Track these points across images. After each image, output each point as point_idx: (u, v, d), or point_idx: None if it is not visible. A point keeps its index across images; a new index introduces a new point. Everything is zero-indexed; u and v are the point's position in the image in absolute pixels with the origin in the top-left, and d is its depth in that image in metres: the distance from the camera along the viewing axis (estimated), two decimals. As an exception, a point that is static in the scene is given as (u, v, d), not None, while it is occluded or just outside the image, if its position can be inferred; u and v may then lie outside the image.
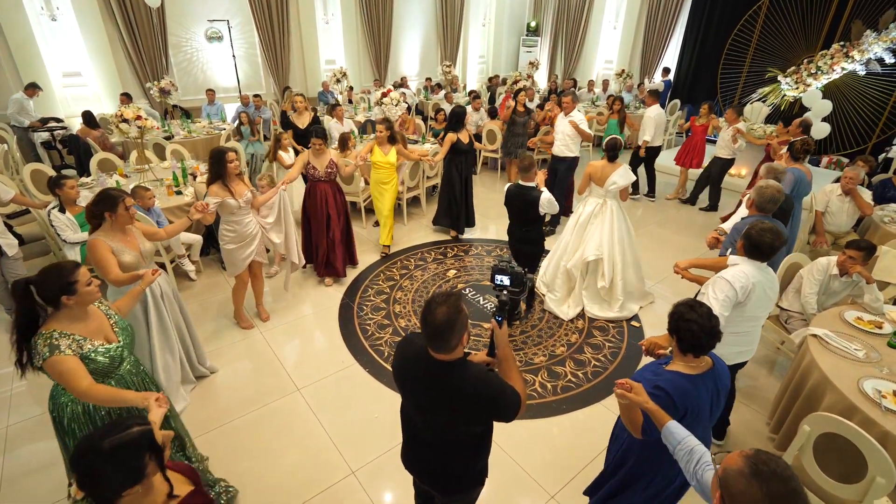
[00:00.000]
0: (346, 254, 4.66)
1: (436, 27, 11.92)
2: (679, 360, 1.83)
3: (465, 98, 10.82)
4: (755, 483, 1.12)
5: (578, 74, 13.01)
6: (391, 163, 4.72)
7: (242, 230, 3.52)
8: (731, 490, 1.15)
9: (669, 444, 1.61)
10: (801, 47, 9.36)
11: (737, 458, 1.18)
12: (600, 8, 12.24)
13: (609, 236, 4.10)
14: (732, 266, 2.42)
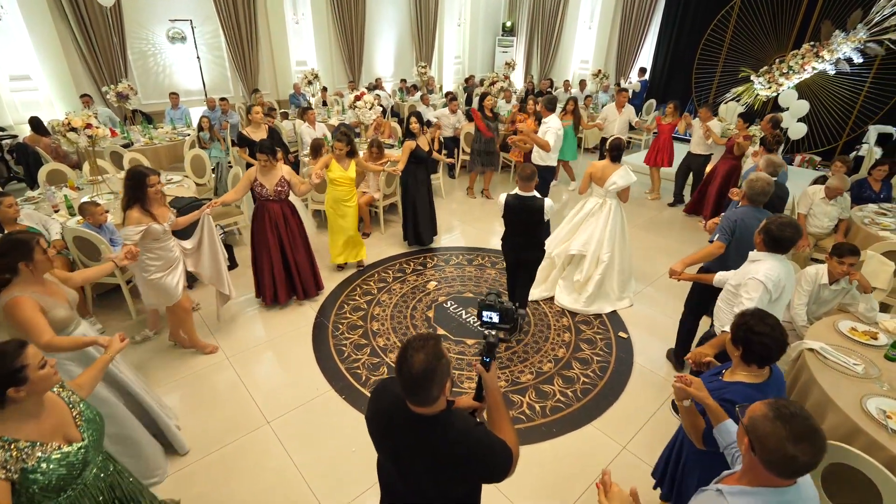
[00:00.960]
0: (310, 277, 4.25)
1: (410, 27, 11.68)
2: (741, 369, 1.87)
3: (441, 99, 10.62)
4: (779, 423, 1.23)
5: (554, 74, 12.95)
6: (351, 178, 4.41)
7: (168, 255, 3.16)
8: (759, 433, 1.26)
9: (721, 442, 1.69)
10: (773, 47, 9.47)
11: (760, 406, 1.30)
12: (575, 7, 12.21)
13: (599, 235, 4.19)
14: (756, 263, 2.47)
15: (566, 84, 11.43)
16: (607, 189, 4.08)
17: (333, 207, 4.52)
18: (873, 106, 8.67)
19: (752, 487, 1.32)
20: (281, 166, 3.84)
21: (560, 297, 4.36)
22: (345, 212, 4.52)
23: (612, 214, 4.17)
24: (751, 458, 1.30)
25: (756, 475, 1.32)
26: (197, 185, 5.85)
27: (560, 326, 4.08)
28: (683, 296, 3.50)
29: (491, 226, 5.97)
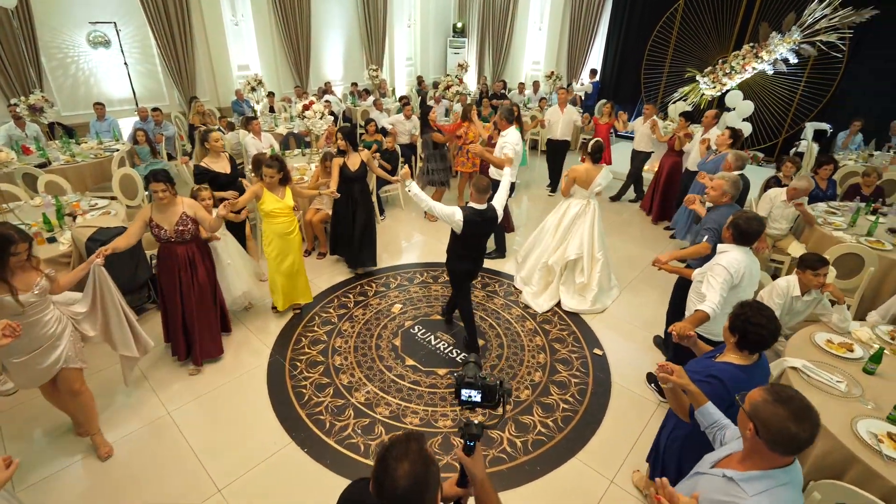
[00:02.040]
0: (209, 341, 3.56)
1: (359, 28, 11.25)
2: (732, 353, 2.02)
3: (395, 104, 10.29)
4: (779, 405, 1.35)
5: (507, 76, 12.90)
6: (290, 207, 3.83)
7: (40, 332, 2.47)
8: (762, 416, 1.36)
9: (703, 423, 1.82)
10: (716, 48, 9.79)
11: (758, 392, 1.41)
12: (525, 9, 12.19)
13: (589, 235, 4.34)
14: (723, 253, 2.73)
15: (520, 86, 11.39)
16: (592, 190, 4.22)
17: (274, 245, 3.86)
18: (809, 103, 9.13)
19: (761, 471, 1.40)
20: (181, 201, 3.16)
21: (568, 303, 4.44)
22: (288, 247, 3.90)
23: (596, 215, 4.36)
24: (755, 442, 1.39)
25: (761, 457, 1.41)
26: (129, 208, 5.26)
27: (534, 347, 3.90)
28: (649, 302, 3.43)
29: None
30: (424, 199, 3.34)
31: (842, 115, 8.64)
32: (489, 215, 3.35)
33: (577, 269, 4.41)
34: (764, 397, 1.39)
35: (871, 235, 4.40)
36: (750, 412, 1.40)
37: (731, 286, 2.65)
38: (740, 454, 1.51)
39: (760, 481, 1.39)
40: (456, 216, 3.25)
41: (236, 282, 3.95)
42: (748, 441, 1.42)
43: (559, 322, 4.24)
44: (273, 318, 4.18)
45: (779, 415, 1.34)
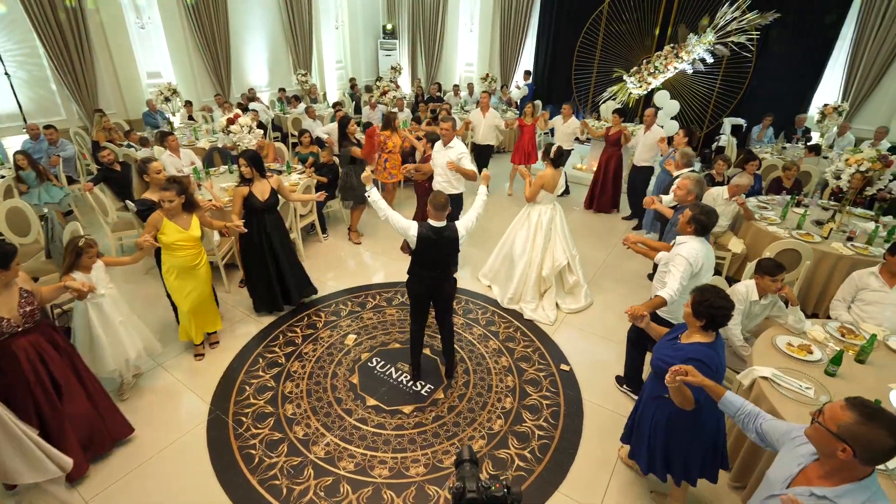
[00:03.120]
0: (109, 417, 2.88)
1: (284, 31, 10.57)
2: (696, 333, 2.20)
3: (328, 110, 9.78)
4: (875, 425, 1.32)
5: (441, 78, 12.75)
6: (195, 237, 3.34)
7: None
8: (863, 440, 1.33)
9: (729, 410, 1.87)
10: (640, 48, 10.20)
11: (843, 412, 1.38)
12: (454, 10, 12.08)
13: (563, 236, 4.45)
14: (682, 244, 2.95)
15: (455, 88, 11.28)
16: (556, 193, 4.32)
17: (181, 278, 3.38)
18: (725, 100, 9.75)
19: (853, 484, 1.40)
20: (15, 272, 2.40)
21: (569, 306, 4.55)
22: (192, 279, 3.42)
23: (561, 216, 4.48)
24: (850, 461, 1.37)
25: (851, 471, 1.40)
26: (21, 246, 4.48)
27: (500, 369, 3.73)
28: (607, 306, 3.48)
29: (407, 256, 5.46)
30: (383, 208, 3.22)
31: (754, 110, 9.31)
32: (447, 235, 3.12)
33: (567, 271, 4.56)
34: (854, 418, 1.37)
35: (801, 228, 4.67)
36: (845, 435, 1.37)
37: (692, 274, 2.88)
38: (818, 469, 1.49)
39: (858, 493, 1.40)
40: (411, 231, 3.09)
41: (128, 342, 3.15)
42: (839, 460, 1.39)
43: (522, 338, 4.11)
44: (205, 363, 3.70)
45: (879, 434, 1.33)
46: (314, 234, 5.87)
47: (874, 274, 3.31)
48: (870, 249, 4.30)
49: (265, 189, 3.91)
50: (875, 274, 3.30)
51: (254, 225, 3.89)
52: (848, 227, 4.67)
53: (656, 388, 2.32)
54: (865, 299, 3.34)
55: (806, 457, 1.53)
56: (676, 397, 2.09)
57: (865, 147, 7.89)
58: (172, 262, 3.34)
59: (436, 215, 3.09)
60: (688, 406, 2.11)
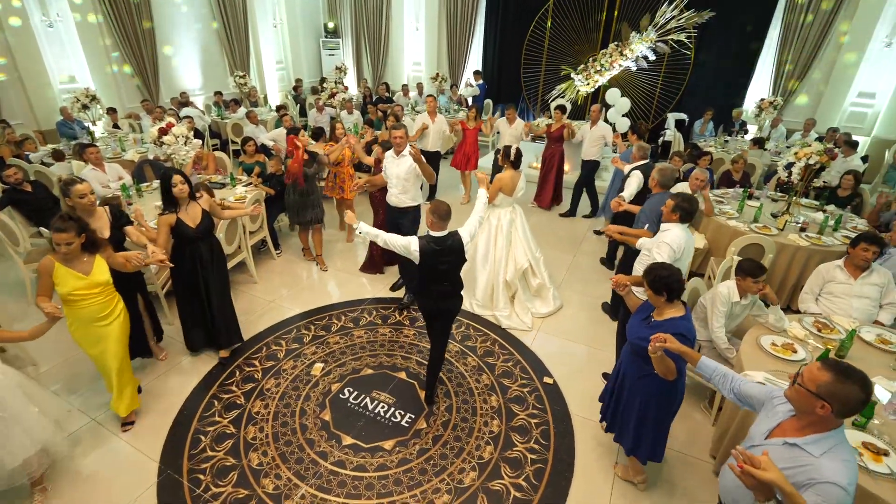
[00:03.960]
0: None
1: (217, 29, 9.81)
2: (667, 308, 2.37)
3: (271, 113, 9.19)
4: (849, 382, 1.49)
5: (389, 78, 12.40)
6: (101, 283, 2.71)
7: None
8: (839, 396, 1.50)
9: (705, 373, 2.05)
10: (585, 46, 10.35)
11: (821, 373, 1.53)
12: (399, 9, 11.76)
13: (524, 238, 4.38)
14: (666, 231, 3.16)
15: (404, 88, 10.98)
16: (516, 195, 4.25)
17: (88, 331, 2.78)
18: (668, 96, 10.08)
19: (822, 434, 1.56)
20: None
21: (540, 310, 4.47)
22: (102, 335, 2.80)
23: (521, 217, 4.41)
24: (827, 416, 1.53)
25: (824, 423, 1.57)
26: None
27: (482, 388, 3.52)
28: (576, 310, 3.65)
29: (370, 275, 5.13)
30: (377, 234, 2.98)
31: (695, 105, 9.69)
32: (450, 244, 2.90)
33: (530, 274, 4.49)
34: (831, 377, 1.51)
35: (758, 221, 4.80)
36: (823, 393, 1.51)
37: (675, 260, 3.04)
38: (793, 423, 1.66)
39: (824, 441, 1.56)
40: (412, 247, 2.87)
41: (25, 439, 2.34)
42: (816, 416, 1.55)
43: (501, 352, 3.93)
44: (149, 412, 3.23)
45: (853, 390, 1.49)
46: (266, 252, 5.40)
47: (839, 267, 3.40)
48: (823, 239, 4.48)
49: (196, 213, 3.33)
50: (840, 267, 3.39)
51: (186, 255, 3.34)
52: (800, 219, 4.86)
53: (641, 367, 2.42)
54: (833, 291, 3.43)
55: (783, 414, 1.72)
56: (660, 367, 2.22)
57: (797, 138, 8.44)
58: (76, 314, 2.71)
59: (438, 224, 2.88)
60: (671, 376, 2.25)
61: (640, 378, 2.46)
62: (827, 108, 8.94)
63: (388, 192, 4.34)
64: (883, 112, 8.68)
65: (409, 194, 4.27)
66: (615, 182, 6.12)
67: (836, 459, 1.52)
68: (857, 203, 5.47)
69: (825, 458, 1.53)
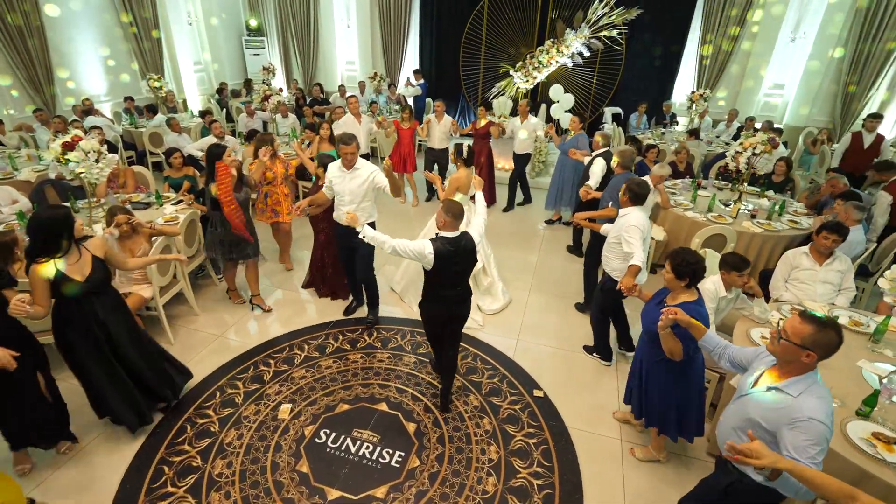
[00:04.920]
0: None
1: (123, 29, 8.69)
2: (682, 293, 2.44)
3: (194, 119, 8.31)
4: (827, 329, 1.67)
5: (322, 78, 11.77)
6: None
7: None
8: (821, 344, 1.66)
9: (708, 347, 2.16)
10: (522, 44, 10.39)
11: (803, 326, 1.70)
12: (327, 4, 11.17)
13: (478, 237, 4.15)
14: (627, 216, 3.30)
15: (341, 89, 10.44)
16: (469, 193, 4.16)
17: None
18: (603, 91, 10.38)
19: (799, 376, 1.73)
20: None
21: (489, 306, 4.43)
22: None
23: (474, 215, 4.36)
24: (812, 363, 1.69)
25: (801, 368, 1.73)
26: None
27: (473, 411, 3.26)
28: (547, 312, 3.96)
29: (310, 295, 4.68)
30: (384, 240, 2.76)
31: (629, 100, 10.05)
32: (464, 245, 2.78)
33: (481, 273, 4.46)
34: (812, 328, 1.68)
35: (712, 211, 4.95)
36: (808, 343, 1.67)
37: (644, 238, 3.22)
38: (774, 371, 1.83)
39: (800, 383, 1.72)
40: (426, 251, 2.68)
41: None
42: (800, 363, 1.71)
43: (484, 367, 3.69)
44: (85, 482, 2.64)
45: (831, 336, 1.66)
46: (205, 277, 4.79)
47: (805, 253, 3.50)
48: (773, 225, 4.69)
49: (84, 262, 2.54)
50: (806, 253, 3.50)
51: (75, 317, 2.58)
52: (749, 206, 5.06)
53: (657, 352, 2.50)
54: (799, 277, 3.53)
55: (765, 364, 1.90)
56: (667, 345, 2.34)
57: (722, 128, 8.97)
58: None
59: (453, 224, 2.75)
60: (677, 356, 2.36)
61: (657, 363, 2.57)
62: (744, 100, 9.61)
63: (336, 211, 3.79)
64: (791, 102, 9.46)
65: (366, 212, 3.77)
66: (564, 172, 6.20)
67: (812, 397, 1.69)
68: (790, 187, 5.83)
69: (803, 398, 1.69)
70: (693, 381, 2.57)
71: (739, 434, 1.86)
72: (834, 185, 4.95)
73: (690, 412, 2.63)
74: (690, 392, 2.58)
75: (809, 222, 4.79)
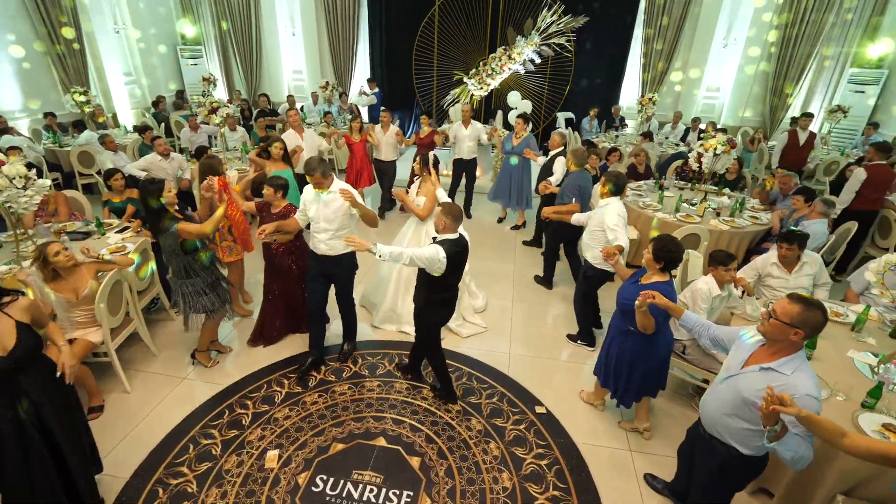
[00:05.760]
0: None
1: (37, 36, 7.80)
2: (656, 275, 2.70)
3: (128, 136, 7.60)
4: (814, 309, 1.78)
5: (267, 88, 11.23)
6: None
7: None
8: (810, 323, 1.78)
9: (688, 324, 2.36)
10: (475, 51, 10.41)
11: (789, 306, 1.81)
12: (270, 11, 10.69)
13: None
14: (608, 206, 3.58)
15: (290, 100, 9.99)
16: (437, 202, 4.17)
17: None
18: (555, 96, 10.60)
19: (790, 356, 1.83)
20: None
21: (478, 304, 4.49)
22: None
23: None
24: (799, 341, 1.81)
25: (791, 347, 1.84)
26: None
27: (477, 436, 3.09)
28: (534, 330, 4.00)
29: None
30: (400, 252, 2.76)
31: (580, 105, 10.31)
32: (464, 244, 2.96)
33: None
34: (800, 308, 1.78)
35: (679, 211, 5.09)
36: (796, 322, 1.78)
37: (625, 225, 3.54)
38: (764, 351, 1.93)
39: (792, 362, 1.83)
40: (440, 255, 2.74)
41: None
42: (789, 342, 1.83)
43: (480, 386, 3.53)
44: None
45: (817, 315, 1.78)
46: (159, 311, 4.30)
47: (775, 264, 3.57)
48: (737, 221, 4.88)
49: (4, 332, 2.02)
50: (776, 264, 3.56)
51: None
52: (713, 205, 5.25)
53: (625, 322, 2.79)
54: (771, 284, 3.61)
55: (753, 345, 1.99)
56: (641, 321, 2.59)
57: (668, 129, 9.38)
58: None
59: (452, 227, 2.87)
60: (649, 330, 2.63)
61: (620, 332, 2.84)
62: (685, 102, 10.14)
63: (315, 240, 3.35)
64: (727, 103, 10.10)
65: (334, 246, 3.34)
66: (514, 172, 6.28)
67: (804, 374, 1.81)
68: (742, 185, 6.14)
69: (796, 375, 1.80)
70: (658, 352, 2.80)
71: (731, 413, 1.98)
72: (785, 183, 5.24)
73: (652, 379, 2.89)
74: (654, 362, 2.82)
75: (768, 217, 5.04)
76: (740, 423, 1.94)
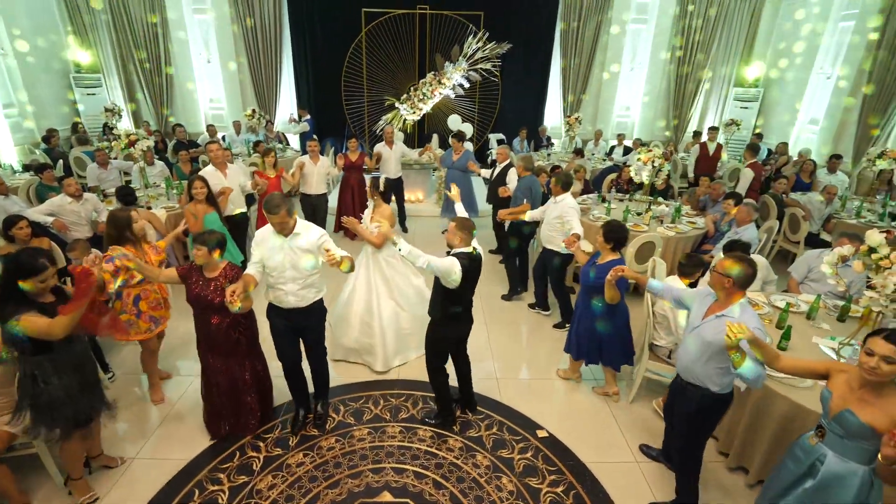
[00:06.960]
0: None
1: None
2: (609, 254, 3.29)
3: (17, 176, 6.55)
4: (742, 263, 2.24)
5: (181, 119, 10.37)
6: None
7: None
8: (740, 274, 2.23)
9: (655, 290, 2.79)
10: (404, 76, 10.45)
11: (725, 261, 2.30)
12: (179, 36, 9.95)
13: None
14: (562, 202, 4.25)
15: (210, 129, 9.29)
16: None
17: None
18: (485, 119, 10.92)
19: (736, 303, 2.25)
20: None
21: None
22: None
23: None
24: (733, 290, 2.27)
25: (734, 296, 2.28)
26: None
27: (486, 473, 2.92)
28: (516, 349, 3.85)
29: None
30: (419, 255, 2.74)
31: (509, 126, 10.71)
32: (476, 256, 2.93)
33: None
34: (730, 262, 2.26)
35: (628, 221, 5.37)
36: (728, 273, 2.24)
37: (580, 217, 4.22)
38: (717, 305, 2.34)
39: (737, 307, 2.25)
40: (455, 268, 2.72)
41: None
42: (726, 289, 2.28)
43: (476, 419, 3.37)
44: None
45: (745, 267, 2.23)
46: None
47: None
48: (679, 227, 5.26)
49: None
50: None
51: None
52: (655, 213, 5.62)
53: (586, 299, 3.39)
54: None
55: (710, 300, 2.40)
56: (609, 293, 3.06)
57: (591, 146, 10.01)
58: None
59: (466, 240, 2.88)
60: (616, 299, 3.12)
61: (584, 307, 3.42)
62: (602, 120, 10.95)
63: (280, 292, 2.84)
64: (638, 120, 11.06)
65: (315, 287, 2.95)
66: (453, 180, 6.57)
67: (748, 313, 2.22)
68: (671, 193, 6.67)
69: (743, 317, 2.18)
70: (617, 321, 3.32)
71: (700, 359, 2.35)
72: (714, 189, 5.77)
73: (615, 346, 3.39)
74: (614, 330, 3.33)
75: (702, 221, 5.50)
76: (709, 364, 2.32)
